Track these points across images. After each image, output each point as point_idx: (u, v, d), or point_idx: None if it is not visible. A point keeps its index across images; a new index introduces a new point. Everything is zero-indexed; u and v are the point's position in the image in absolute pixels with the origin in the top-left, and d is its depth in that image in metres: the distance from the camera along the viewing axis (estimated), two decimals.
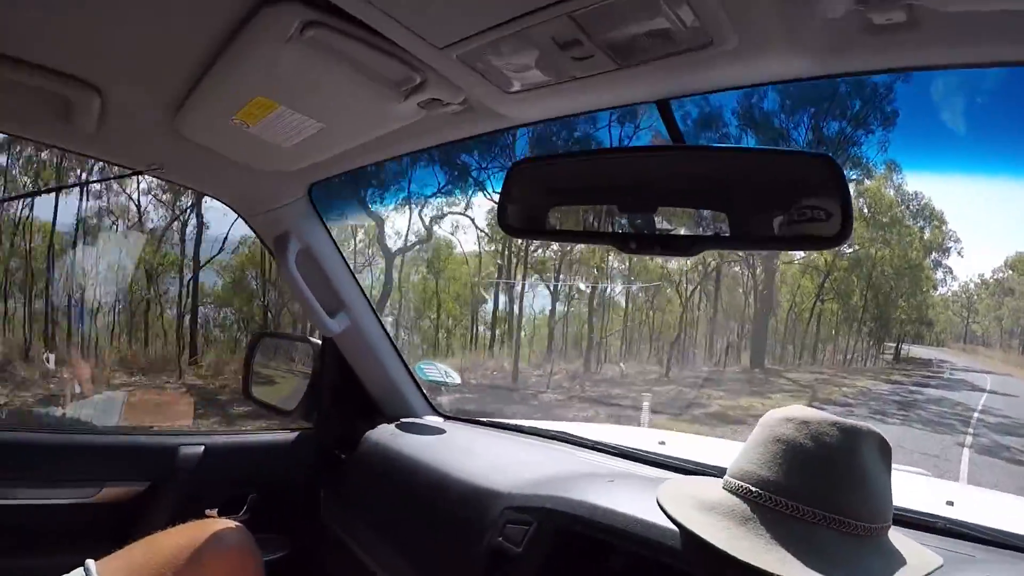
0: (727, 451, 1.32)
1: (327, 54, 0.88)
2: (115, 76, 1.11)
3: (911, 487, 1.00)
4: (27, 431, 2.14)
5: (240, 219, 1.68)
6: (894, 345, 19.51)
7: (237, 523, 1.41)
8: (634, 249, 0.80)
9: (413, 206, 13.74)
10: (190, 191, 10.40)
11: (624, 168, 0.86)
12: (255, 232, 1.71)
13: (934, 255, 17.46)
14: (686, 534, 0.84)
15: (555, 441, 1.44)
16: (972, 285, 19.32)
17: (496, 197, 1.24)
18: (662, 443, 1.46)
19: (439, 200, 13.97)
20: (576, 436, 1.41)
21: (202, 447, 1.73)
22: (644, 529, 0.92)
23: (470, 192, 13.78)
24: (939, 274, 18.19)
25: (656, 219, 0.81)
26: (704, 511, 0.86)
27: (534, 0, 0.68)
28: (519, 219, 0.94)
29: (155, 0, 0.87)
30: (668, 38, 0.71)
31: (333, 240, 1.67)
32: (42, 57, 1.06)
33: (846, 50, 0.71)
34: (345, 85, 0.96)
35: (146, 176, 1.31)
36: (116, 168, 1.49)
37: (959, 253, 17.97)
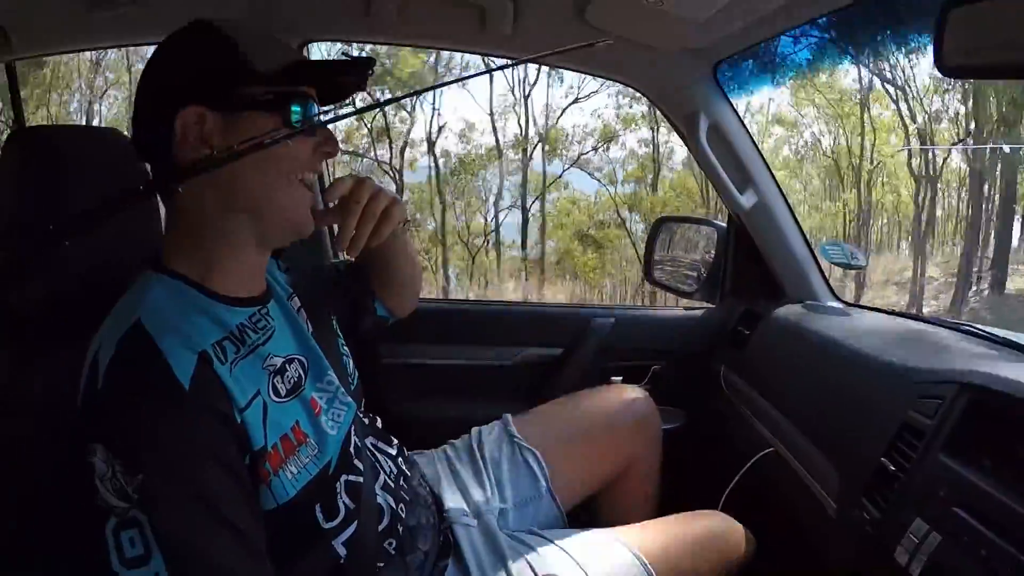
0: None
1: None
2: None
3: None
4: (462, 301, 2.58)
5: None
6: None
7: (642, 390, 1.57)
8: None
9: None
10: None
11: None
12: (663, 113, 1.85)
13: None
14: None
15: (965, 333, 1.35)
16: None
17: None
18: None
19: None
20: (987, 331, 1.30)
21: (612, 319, 1.97)
22: None
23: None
24: None
25: None
26: None
27: None
28: (957, 58, 0.90)
29: None
30: None
31: (739, 117, 1.73)
32: None
33: None
34: None
35: None
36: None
37: None
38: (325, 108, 0.97)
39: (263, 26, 0.95)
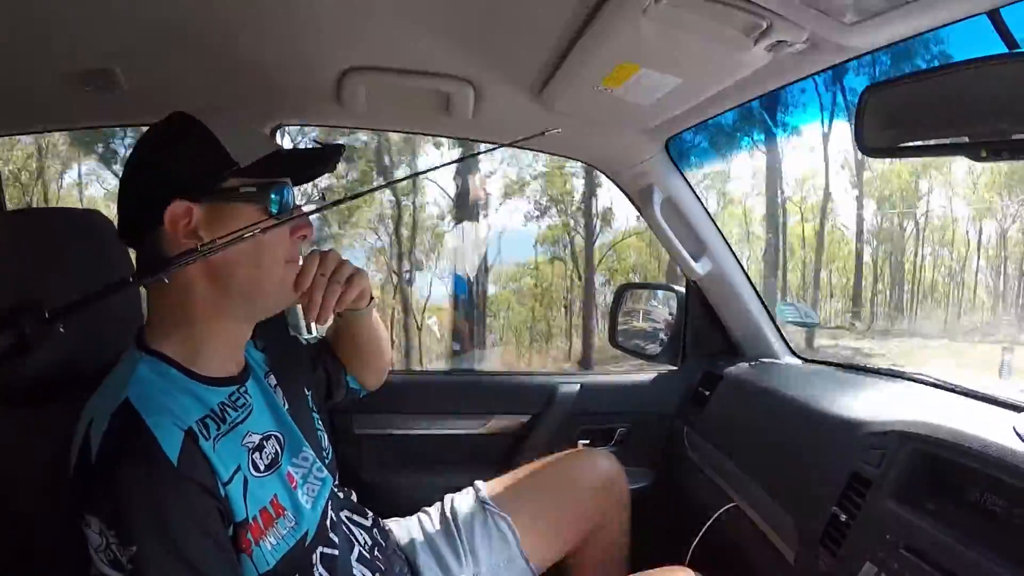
0: None
1: (682, 14, 1.00)
2: (486, 68, 1.38)
3: None
4: (433, 373, 2.57)
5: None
6: None
7: (608, 453, 1.63)
8: (984, 158, 0.82)
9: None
10: None
11: (980, 80, 0.86)
12: (620, 188, 1.93)
13: None
14: None
15: (912, 381, 1.43)
16: None
17: None
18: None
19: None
20: (933, 378, 1.39)
21: (578, 385, 2.01)
22: (1001, 452, 0.94)
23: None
24: None
25: (1006, 124, 0.81)
26: None
27: None
28: (876, 140, 0.99)
29: None
30: None
31: (692, 188, 1.83)
32: (425, 64, 1.38)
33: None
34: (700, 40, 1.08)
35: None
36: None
37: None
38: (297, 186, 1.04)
39: (237, 112, 1.01)
